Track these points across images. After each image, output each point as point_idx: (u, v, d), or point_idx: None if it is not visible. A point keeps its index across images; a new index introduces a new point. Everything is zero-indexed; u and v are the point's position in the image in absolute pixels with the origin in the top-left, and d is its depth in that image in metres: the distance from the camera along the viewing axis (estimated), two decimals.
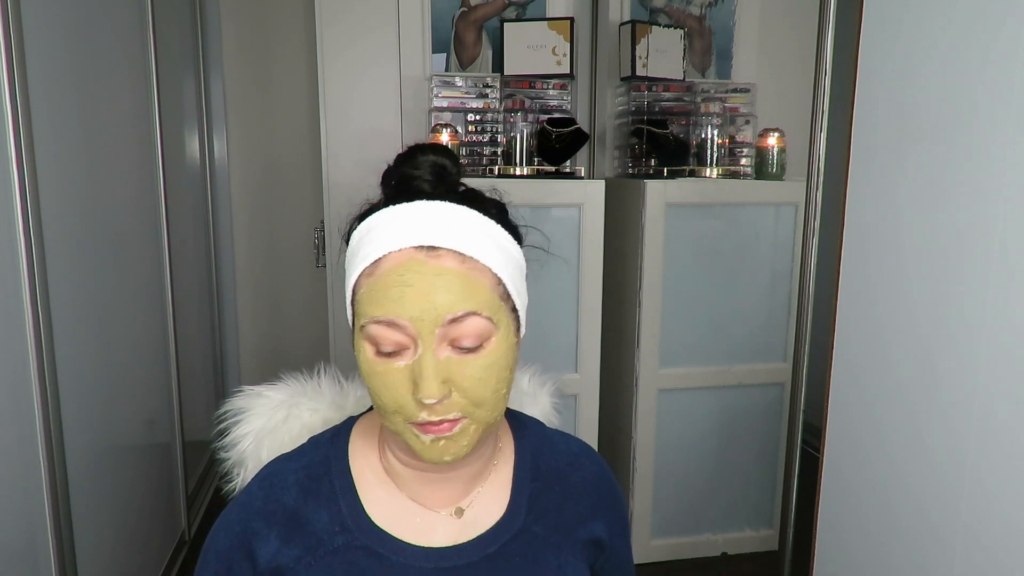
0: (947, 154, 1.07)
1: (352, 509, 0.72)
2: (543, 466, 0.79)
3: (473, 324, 0.63)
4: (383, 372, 0.64)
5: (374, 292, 0.63)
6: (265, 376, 0.93)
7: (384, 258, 0.64)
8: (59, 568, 1.24)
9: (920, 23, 1.13)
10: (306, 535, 0.71)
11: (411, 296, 0.62)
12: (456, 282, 0.63)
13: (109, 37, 1.66)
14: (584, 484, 0.80)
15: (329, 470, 0.74)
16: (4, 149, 1.12)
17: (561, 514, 0.77)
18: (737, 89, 2.34)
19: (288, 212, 2.81)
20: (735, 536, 2.25)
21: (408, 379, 0.63)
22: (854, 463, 1.28)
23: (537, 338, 2.02)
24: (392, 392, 0.63)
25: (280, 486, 0.73)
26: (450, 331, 0.63)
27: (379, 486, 0.73)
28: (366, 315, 0.64)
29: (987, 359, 1.00)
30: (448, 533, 0.72)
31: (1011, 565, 0.98)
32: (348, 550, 0.70)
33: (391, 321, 0.62)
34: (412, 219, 0.66)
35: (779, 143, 2.13)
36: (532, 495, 0.76)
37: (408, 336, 0.63)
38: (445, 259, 0.64)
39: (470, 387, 0.64)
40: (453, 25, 2.43)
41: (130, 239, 1.77)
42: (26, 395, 1.18)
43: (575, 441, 0.85)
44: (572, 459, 0.81)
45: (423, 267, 0.63)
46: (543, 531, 0.75)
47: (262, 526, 0.71)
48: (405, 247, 0.64)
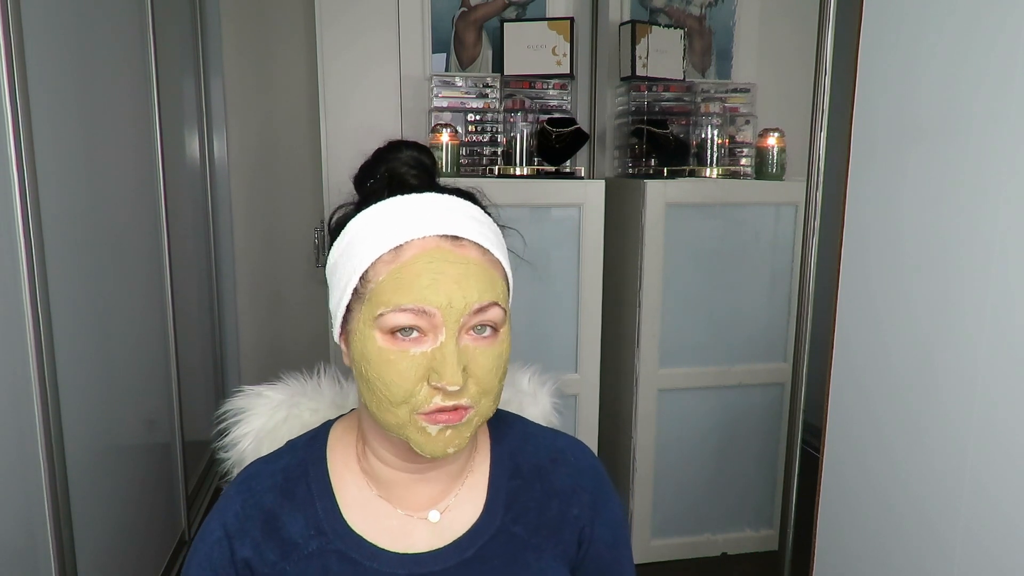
0: (947, 154, 1.07)
1: (328, 512, 0.71)
2: (523, 464, 0.77)
3: (494, 313, 0.65)
4: (396, 360, 0.62)
5: (400, 280, 0.62)
6: (265, 376, 0.93)
7: (407, 245, 0.64)
8: (59, 568, 1.24)
9: (920, 23, 1.13)
10: (281, 540, 0.70)
11: (443, 284, 0.62)
12: (481, 272, 0.64)
13: (109, 37, 1.66)
14: (568, 480, 0.78)
15: (307, 473, 0.73)
16: (4, 149, 1.12)
17: (543, 513, 0.75)
18: (737, 89, 2.34)
19: (288, 212, 2.81)
20: (735, 536, 2.25)
21: (423, 366, 0.62)
22: (854, 463, 1.28)
23: (537, 338, 2.03)
24: (404, 380, 0.62)
25: (258, 489, 0.72)
26: (472, 319, 0.63)
27: (357, 489, 0.73)
28: (389, 303, 0.62)
29: (987, 359, 1.00)
30: (425, 537, 0.72)
31: (1011, 565, 0.98)
32: (322, 554, 0.70)
33: (421, 309, 0.62)
34: (432, 208, 0.66)
35: (779, 143, 2.13)
36: (510, 494, 0.75)
37: (432, 324, 0.62)
38: (468, 250, 0.65)
39: (483, 376, 0.64)
40: (453, 25, 2.43)
41: (130, 239, 1.77)
42: (26, 395, 1.18)
43: (562, 436, 0.82)
44: (556, 455, 0.79)
45: (451, 256, 0.64)
46: (523, 532, 0.74)
47: (240, 530, 0.71)
48: (429, 235, 0.64)
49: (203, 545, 0.72)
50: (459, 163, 2.02)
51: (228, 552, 0.70)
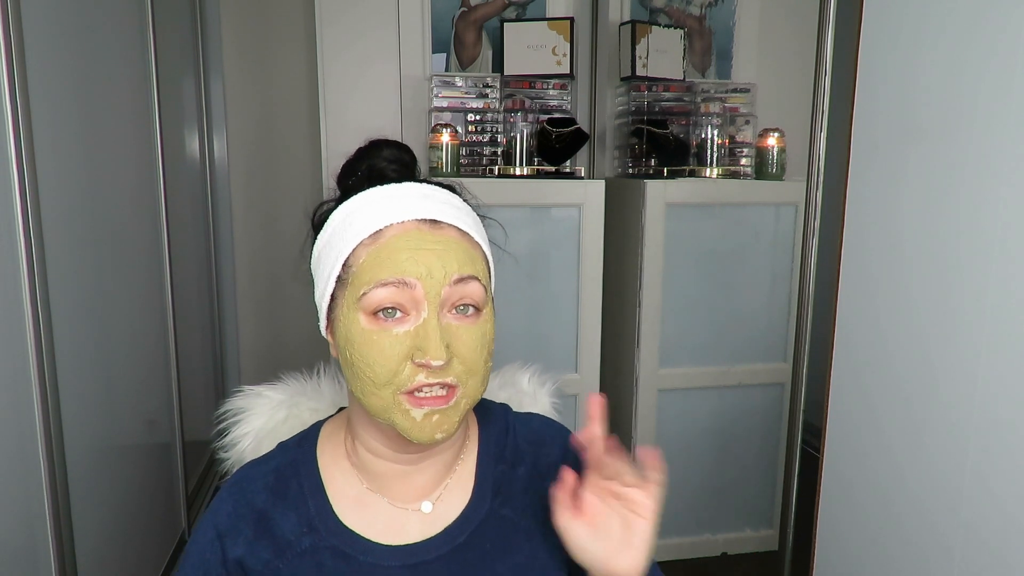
0: (947, 154, 1.07)
1: (320, 509, 0.72)
2: (508, 448, 0.78)
3: (474, 287, 0.65)
4: (379, 340, 0.63)
5: (379, 258, 0.64)
6: (265, 376, 0.93)
7: (386, 229, 0.66)
8: (59, 568, 1.24)
9: (920, 23, 1.12)
10: (275, 539, 0.70)
11: (422, 256, 0.63)
12: (460, 248, 0.66)
13: (109, 37, 1.66)
14: (551, 456, 0.79)
15: (298, 472, 0.74)
16: (4, 149, 1.12)
17: (530, 495, 0.76)
18: (737, 89, 2.34)
19: (288, 212, 2.81)
20: (735, 536, 2.25)
21: (407, 345, 0.63)
22: (854, 463, 1.28)
23: (537, 338, 2.04)
24: (387, 360, 0.63)
25: (250, 490, 0.73)
26: (453, 293, 0.64)
27: (348, 485, 0.73)
28: (370, 281, 0.63)
29: (987, 359, 1.00)
30: (418, 528, 0.72)
31: (1011, 565, 0.98)
32: (316, 551, 0.70)
33: (401, 280, 0.63)
34: (409, 195, 0.68)
35: (779, 143, 2.13)
36: (497, 478, 0.76)
37: (413, 299, 0.63)
38: (447, 231, 0.67)
39: (467, 354, 0.64)
40: (453, 25, 2.43)
41: (130, 239, 1.77)
42: (26, 395, 1.18)
43: (537, 418, 0.84)
44: (536, 437, 0.80)
45: (428, 236, 0.65)
46: (513, 515, 0.75)
47: (232, 529, 0.71)
48: (408, 219, 0.66)
49: (196, 547, 0.72)
50: (459, 163, 2.02)
51: (220, 552, 0.71)
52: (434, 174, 1.95)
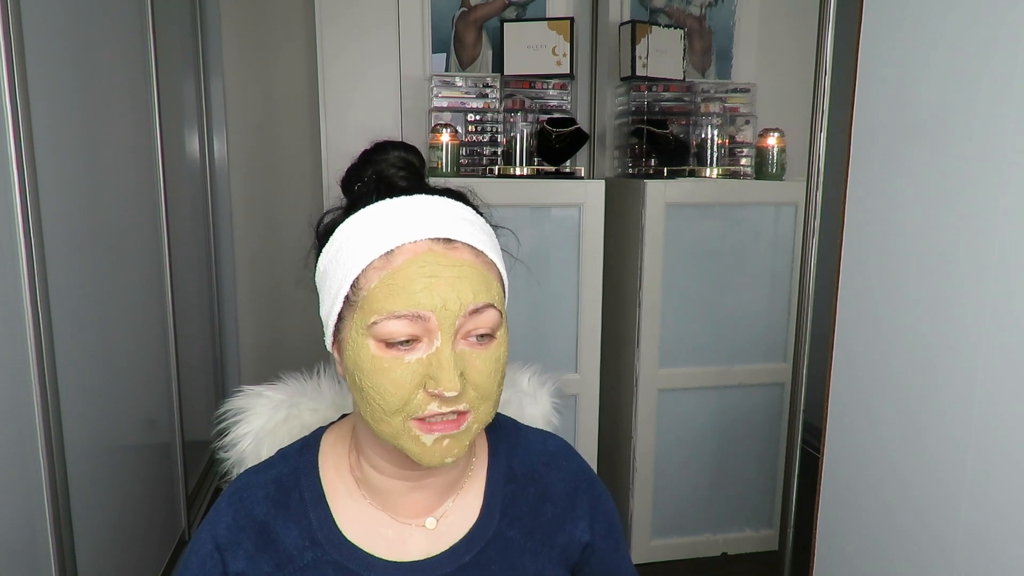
0: (947, 153, 1.07)
1: (323, 522, 0.70)
2: (517, 467, 0.76)
3: (490, 315, 0.63)
4: (390, 368, 0.61)
5: (393, 287, 0.61)
6: (265, 376, 0.93)
7: (398, 250, 0.62)
8: (59, 568, 1.24)
9: (920, 23, 1.12)
10: (276, 552, 0.69)
11: (437, 287, 0.60)
12: (475, 274, 0.63)
13: (109, 37, 1.66)
14: (562, 484, 0.77)
15: (299, 482, 0.72)
16: (4, 149, 1.12)
17: (538, 517, 0.75)
18: (737, 89, 2.34)
19: (288, 212, 2.81)
20: (735, 536, 2.25)
21: (419, 373, 0.61)
22: (854, 463, 1.28)
23: (537, 338, 2.03)
24: (399, 388, 0.61)
25: (250, 500, 0.71)
26: (467, 323, 0.62)
27: (350, 498, 0.72)
28: (382, 311, 0.61)
29: (987, 359, 1.00)
30: (422, 545, 0.71)
31: (1011, 565, 0.98)
32: (318, 565, 0.69)
33: (415, 314, 0.60)
34: (423, 211, 0.64)
35: (779, 143, 2.13)
36: (506, 498, 0.74)
37: (427, 329, 0.61)
38: (462, 252, 0.64)
39: (481, 381, 0.63)
40: (453, 25, 2.43)
41: (130, 239, 1.77)
42: (26, 395, 1.18)
43: (552, 439, 0.81)
44: (548, 459, 0.78)
45: (443, 259, 0.62)
46: (519, 536, 0.73)
47: (232, 542, 0.70)
48: (421, 239, 0.63)
49: (195, 558, 0.71)
50: (459, 163, 2.02)
51: (220, 566, 0.70)
52: (434, 174, 1.95)
